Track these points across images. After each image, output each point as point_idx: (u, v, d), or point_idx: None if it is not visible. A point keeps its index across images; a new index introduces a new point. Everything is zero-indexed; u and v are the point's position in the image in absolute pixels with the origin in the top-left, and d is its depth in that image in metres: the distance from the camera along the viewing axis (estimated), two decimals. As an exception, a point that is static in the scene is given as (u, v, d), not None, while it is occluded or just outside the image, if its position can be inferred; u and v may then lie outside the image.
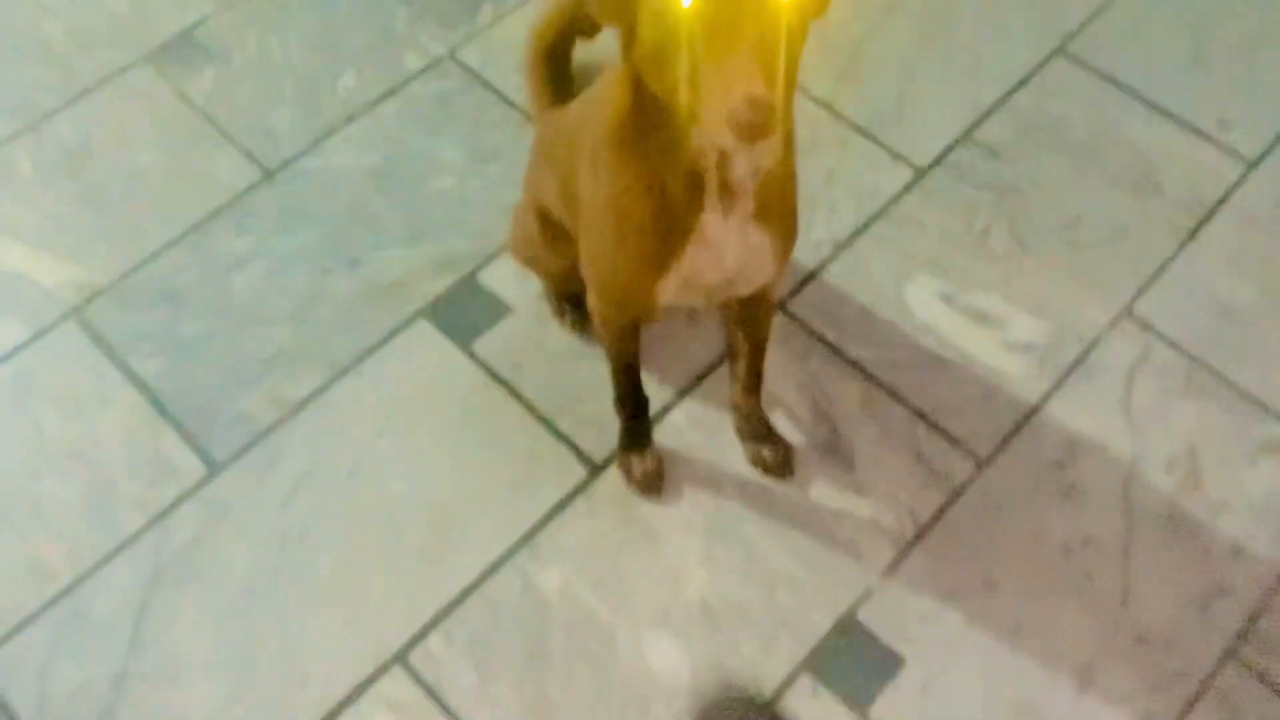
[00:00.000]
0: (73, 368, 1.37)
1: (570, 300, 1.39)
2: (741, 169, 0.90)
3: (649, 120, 0.87)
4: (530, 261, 1.35)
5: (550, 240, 1.26)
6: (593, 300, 1.12)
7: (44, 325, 1.40)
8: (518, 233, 1.34)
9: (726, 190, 0.91)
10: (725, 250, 0.95)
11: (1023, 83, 1.61)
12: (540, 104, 1.33)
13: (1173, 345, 1.39)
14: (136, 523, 1.27)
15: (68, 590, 1.23)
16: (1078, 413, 1.34)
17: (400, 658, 1.19)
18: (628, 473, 1.29)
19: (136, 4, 1.68)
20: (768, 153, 0.89)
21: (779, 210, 0.97)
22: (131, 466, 1.31)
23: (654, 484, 1.29)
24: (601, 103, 0.95)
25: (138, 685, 1.18)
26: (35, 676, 1.19)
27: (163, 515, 1.27)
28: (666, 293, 1.00)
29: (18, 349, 1.39)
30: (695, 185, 0.90)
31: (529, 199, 1.28)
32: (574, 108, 1.12)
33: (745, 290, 1.05)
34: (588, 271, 1.08)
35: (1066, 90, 1.60)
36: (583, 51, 1.30)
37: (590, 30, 1.36)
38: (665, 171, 0.90)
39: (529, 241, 1.31)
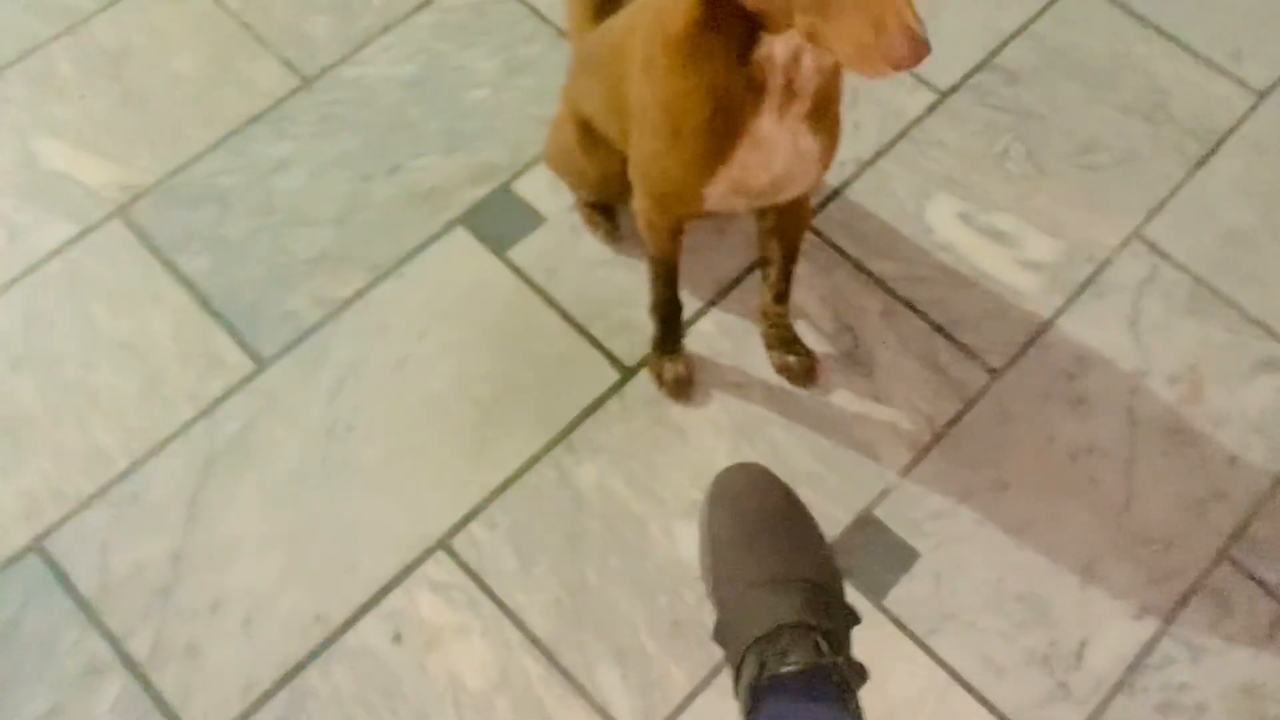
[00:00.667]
0: (121, 265, 1.42)
1: (602, 211, 1.44)
2: (808, 71, 0.94)
3: (719, 26, 0.91)
4: (566, 171, 1.40)
5: (588, 148, 1.30)
6: (640, 202, 1.16)
7: (90, 223, 1.44)
8: (555, 143, 1.38)
9: (788, 92, 0.95)
10: (776, 152, 1.00)
11: (1043, 10, 1.65)
12: (583, 23, 1.37)
13: (1179, 267, 1.45)
14: (188, 412, 1.32)
15: (125, 474, 1.29)
16: (1087, 328, 1.41)
17: (444, 543, 1.26)
18: (659, 377, 1.35)
19: (169, -91, 1.69)
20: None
21: (828, 113, 1.02)
22: (181, 360, 1.36)
23: (684, 388, 1.35)
24: (659, 10, 0.99)
25: (194, 564, 1.25)
26: (96, 554, 1.25)
27: (213, 406, 1.33)
28: (715, 194, 1.05)
29: (66, 245, 1.43)
30: (756, 89, 0.95)
31: (568, 110, 1.32)
32: (622, 17, 1.15)
33: (789, 194, 1.10)
34: (637, 173, 1.12)
35: (1085, 19, 1.64)
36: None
37: None
38: (729, 75, 0.94)
39: (566, 151, 1.35)
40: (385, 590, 1.23)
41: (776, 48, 0.91)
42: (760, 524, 1.09)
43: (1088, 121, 1.55)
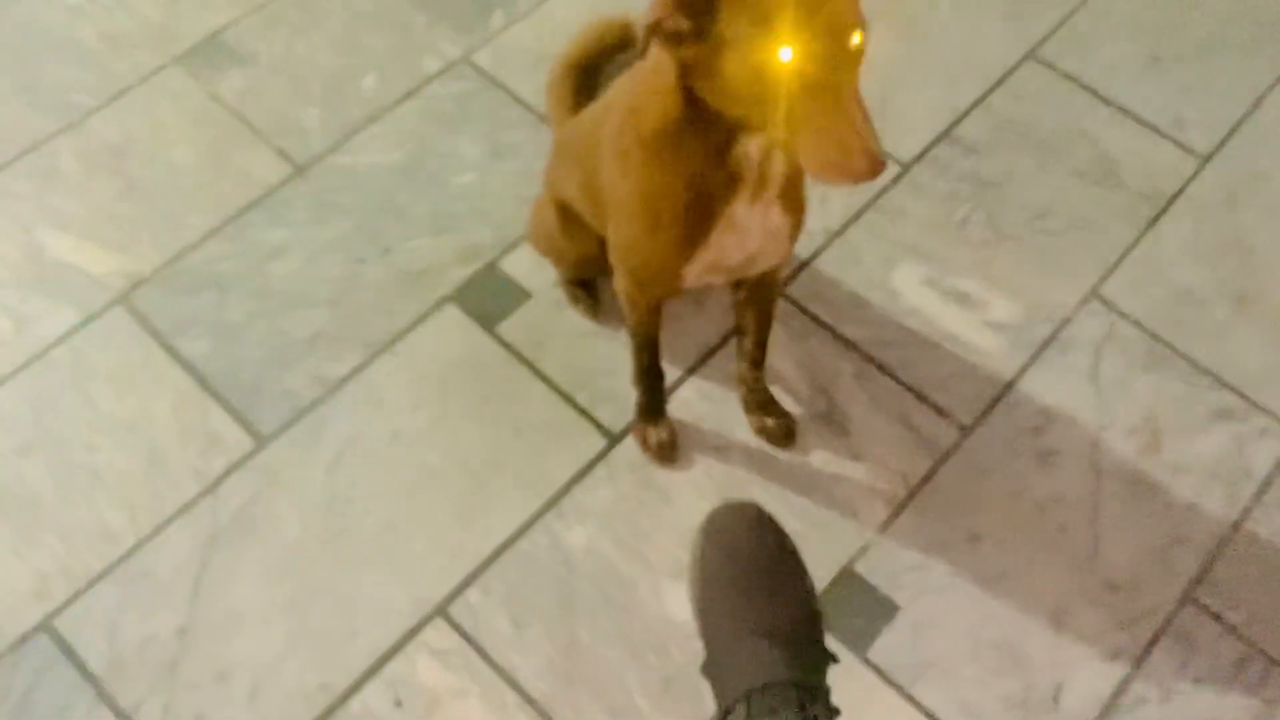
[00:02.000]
0: (123, 350, 1.47)
1: (583, 286, 1.51)
2: (780, 163, 1.02)
3: (695, 125, 0.99)
4: (548, 251, 1.47)
5: (568, 232, 1.38)
6: (620, 283, 1.23)
7: (94, 311, 1.50)
8: (537, 225, 1.46)
9: (760, 180, 1.03)
10: (750, 233, 1.08)
11: (997, 84, 1.75)
12: (563, 113, 1.46)
13: (1135, 323, 1.53)
14: (192, 490, 1.37)
15: (131, 552, 1.34)
16: (1051, 385, 1.48)
17: (441, 610, 1.31)
18: (644, 441, 1.41)
19: (165, 8, 1.78)
20: None
21: (795, 193, 1.10)
22: (183, 439, 1.41)
23: (669, 452, 1.41)
24: (634, 109, 1.07)
25: (200, 637, 1.29)
26: (105, 631, 1.29)
27: (216, 483, 1.38)
28: (693, 274, 1.13)
29: (70, 332, 1.49)
30: (732, 178, 1.03)
31: (548, 193, 1.40)
32: (594, 110, 1.23)
33: (761, 268, 1.17)
34: (616, 256, 1.19)
35: (1036, 92, 1.74)
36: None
37: (630, 49, 1.50)
38: (706, 167, 1.02)
39: (547, 233, 1.43)
40: (386, 657, 1.28)
41: (752, 146, 0.99)
42: (753, 568, 1.13)
43: (1043, 189, 1.64)
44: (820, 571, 1.34)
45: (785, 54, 0.88)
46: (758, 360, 1.39)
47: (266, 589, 1.32)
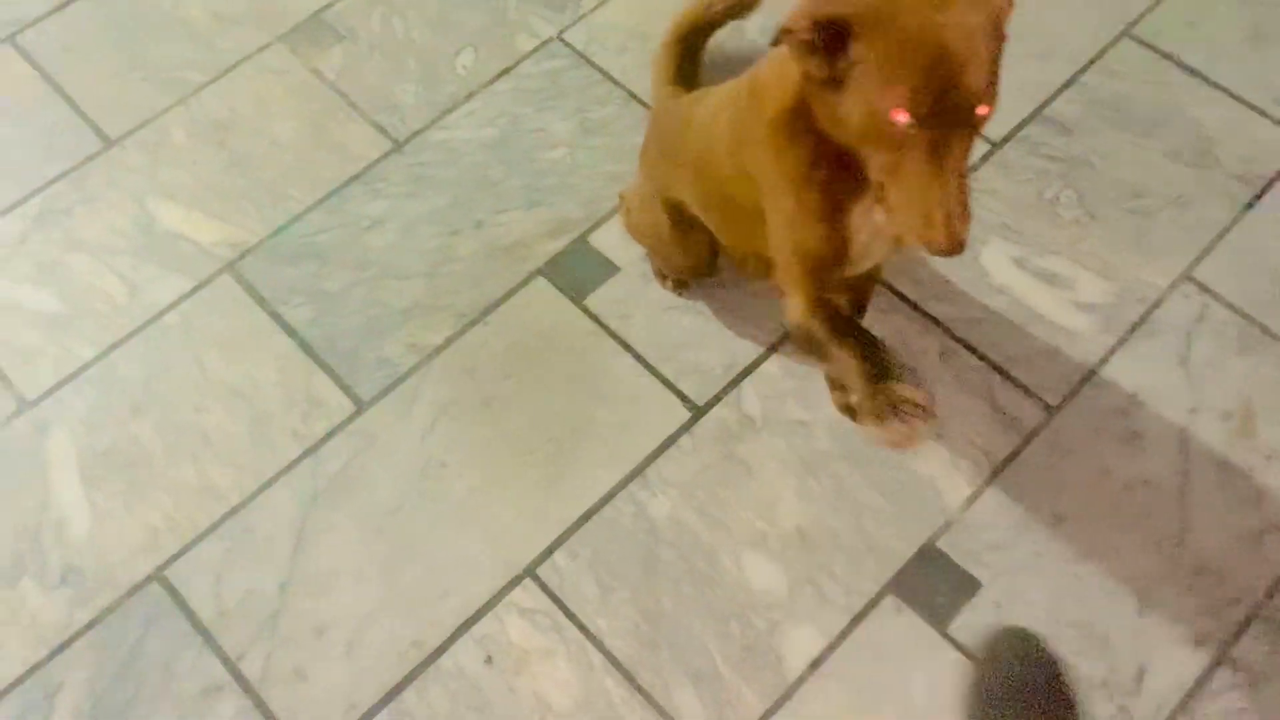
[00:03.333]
0: (230, 316, 1.54)
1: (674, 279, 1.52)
2: None
3: (809, 123, 1.01)
4: (655, 249, 1.47)
5: (683, 236, 1.38)
6: (790, 289, 1.15)
7: (203, 278, 1.57)
8: (642, 220, 1.45)
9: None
10: (861, 232, 1.10)
11: (1091, 62, 1.72)
12: (664, 82, 1.48)
13: (1229, 306, 1.50)
14: (294, 451, 1.43)
15: (236, 509, 1.40)
16: (1140, 367, 1.47)
17: (530, 571, 1.35)
18: (877, 415, 1.12)
19: (270, -12, 1.84)
20: None
21: None
22: (286, 403, 1.47)
23: (929, 411, 1.12)
24: (757, 86, 1.07)
25: (299, 592, 1.35)
26: (212, 583, 1.36)
27: (317, 445, 1.44)
28: (857, 240, 1.10)
29: (181, 299, 1.55)
30: (853, 189, 1.04)
31: (652, 190, 1.39)
32: (714, 106, 1.22)
33: (868, 266, 1.18)
34: (779, 240, 1.14)
35: (1132, 70, 1.71)
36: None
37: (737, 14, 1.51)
38: (821, 158, 1.04)
39: (656, 233, 1.42)
40: (476, 616, 1.32)
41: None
42: (1032, 694, 1.19)
43: (1136, 168, 1.62)
44: (901, 547, 1.35)
45: (902, 118, 0.89)
46: (844, 338, 1.40)
47: (363, 548, 1.37)
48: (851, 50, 0.91)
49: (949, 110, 0.89)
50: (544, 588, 1.34)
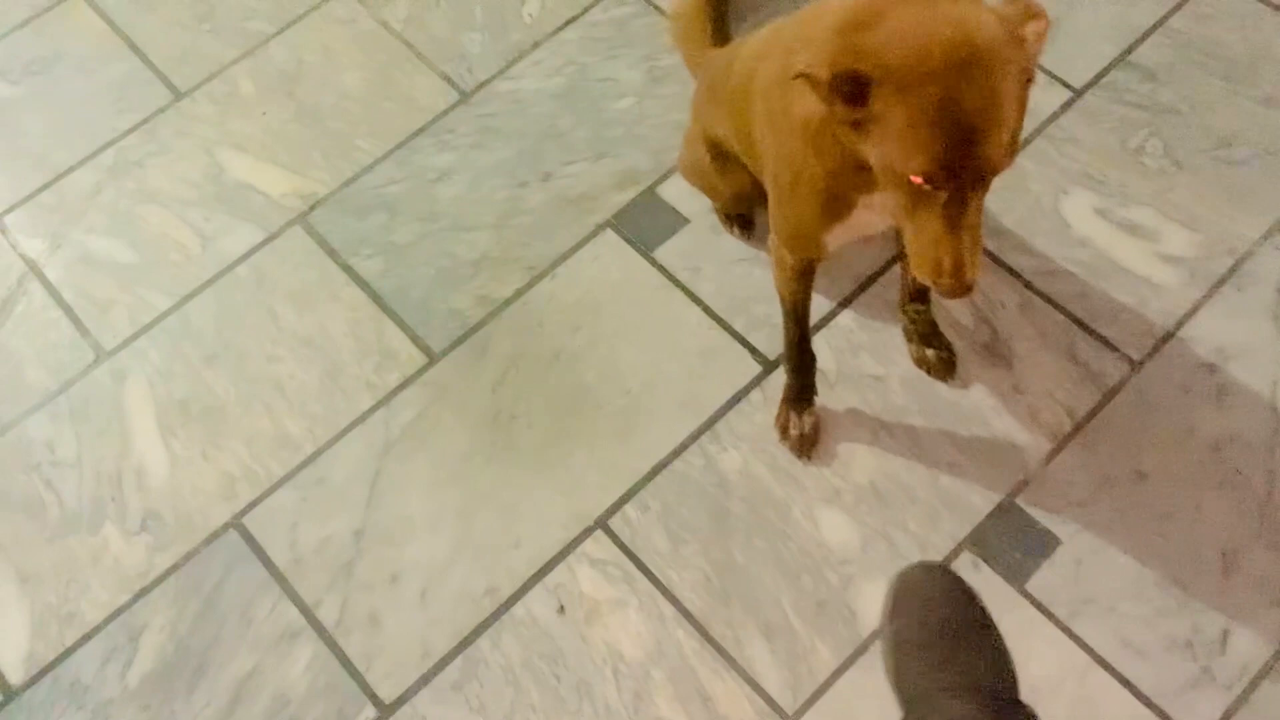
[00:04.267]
0: (301, 267, 1.54)
1: (737, 217, 1.51)
2: None
3: (840, 144, 0.99)
4: (701, 185, 1.47)
5: (721, 168, 1.38)
6: (772, 239, 1.23)
7: (274, 230, 1.58)
8: (688, 157, 1.46)
9: None
10: (855, 228, 1.09)
11: (1179, 6, 1.65)
12: (702, 44, 1.47)
13: (1324, 259, 1.45)
14: (366, 402, 1.44)
15: (311, 459, 1.41)
16: (1227, 321, 1.42)
17: (601, 523, 1.35)
18: (783, 430, 1.37)
19: (335, -62, 1.83)
20: None
21: None
22: (358, 354, 1.47)
23: (807, 447, 1.36)
24: (785, 85, 1.03)
25: (374, 540, 1.36)
26: (288, 531, 1.37)
27: (389, 396, 1.44)
28: (835, 242, 1.14)
29: (252, 250, 1.56)
30: (860, 187, 1.03)
31: (698, 129, 1.39)
32: (746, 54, 1.19)
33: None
34: (771, 213, 1.19)
35: (1221, 13, 1.64)
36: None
37: None
38: (843, 165, 1.01)
39: (700, 168, 1.43)
40: (548, 566, 1.33)
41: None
42: (947, 629, 1.16)
43: (1227, 116, 1.56)
44: (979, 503, 1.33)
45: (919, 179, 0.89)
46: (922, 291, 1.37)
47: (436, 497, 1.38)
48: (872, 103, 0.89)
49: (966, 176, 0.89)
50: (615, 539, 1.34)
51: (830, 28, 0.91)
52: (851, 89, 0.89)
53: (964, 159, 0.88)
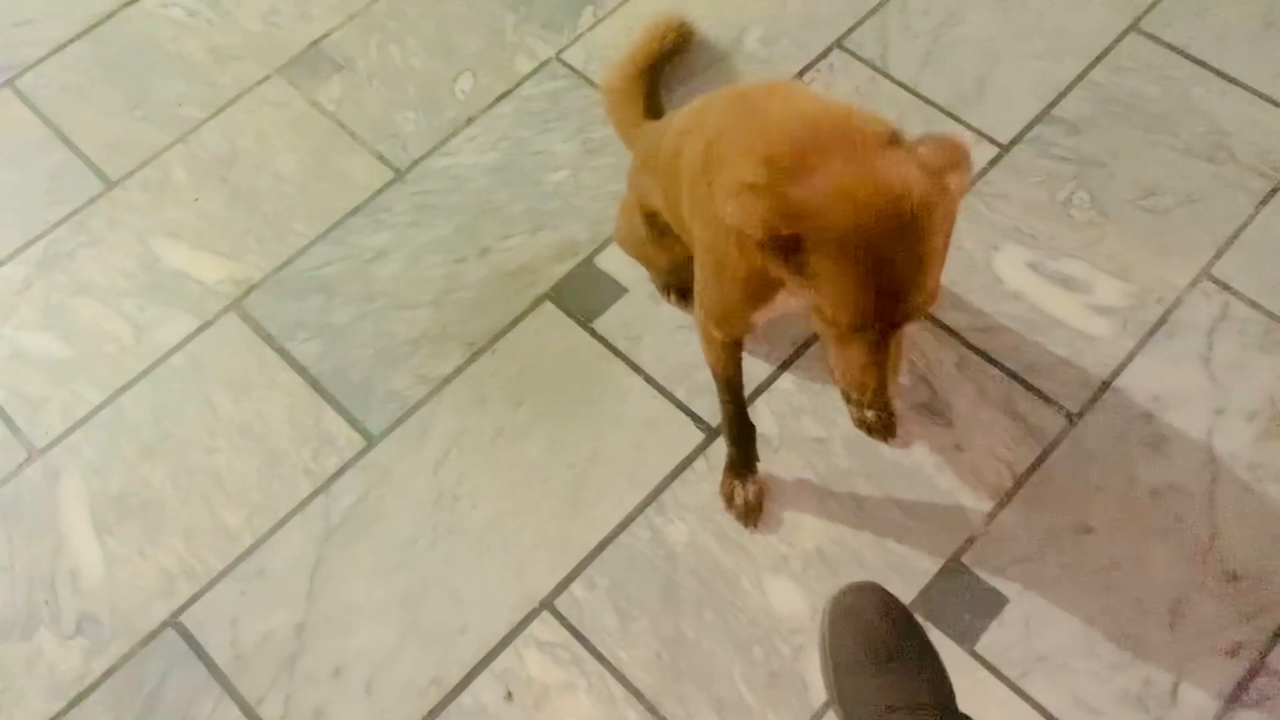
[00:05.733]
0: (238, 354, 1.53)
1: (674, 287, 1.51)
2: None
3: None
4: (639, 257, 1.48)
5: (657, 240, 1.38)
6: (698, 313, 1.23)
7: (208, 317, 1.56)
8: (624, 228, 1.47)
9: None
10: (774, 310, 1.11)
11: (1099, 59, 1.69)
12: (635, 118, 1.50)
13: (1251, 304, 1.47)
14: (305, 489, 1.42)
15: (250, 550, 1.39)
16: (1162, 369, 1.44)
17: (548, 604, 1.33)
18: (728, 499, 1.37)
19: (267, 21, 1.83)
20: None
21: None
22: (297, 440, 1.45)
23: (754, 515, 1.36)
24: (710, 180, 1.05)
25: (317, 632, 1.33)
26: (228, 627, 1.34)
27: (329, 482, 1.42)
28: (762, 318, 1.15)
29: (187, 339, 1.54)
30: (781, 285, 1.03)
31: (634, 199, 1.40)
32: (676, 130, 1.20)
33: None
34: (697, 291, 1.20)
35: (1141, 65, 1.68)
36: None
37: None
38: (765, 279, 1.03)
39: (636, 239, 1.43)
40: (495, 651, 1.31)
41: None
42: (885, 649, 1.16)
43: (1150, 165, 1.59)
44: (925, 564, 1.33)
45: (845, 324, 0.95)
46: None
47: (379, 584, 1.36)
48: (803, 256, 0.92)
49: (894, 318, 0.94)
50: (562, 620, 1.32)
51: (758, 162, 0.94)
52: (784, 246, 0.91)
53: (888, 311, 0.92)
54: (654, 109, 1.57)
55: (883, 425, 1.40)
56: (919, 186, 0.89)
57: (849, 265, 0.89)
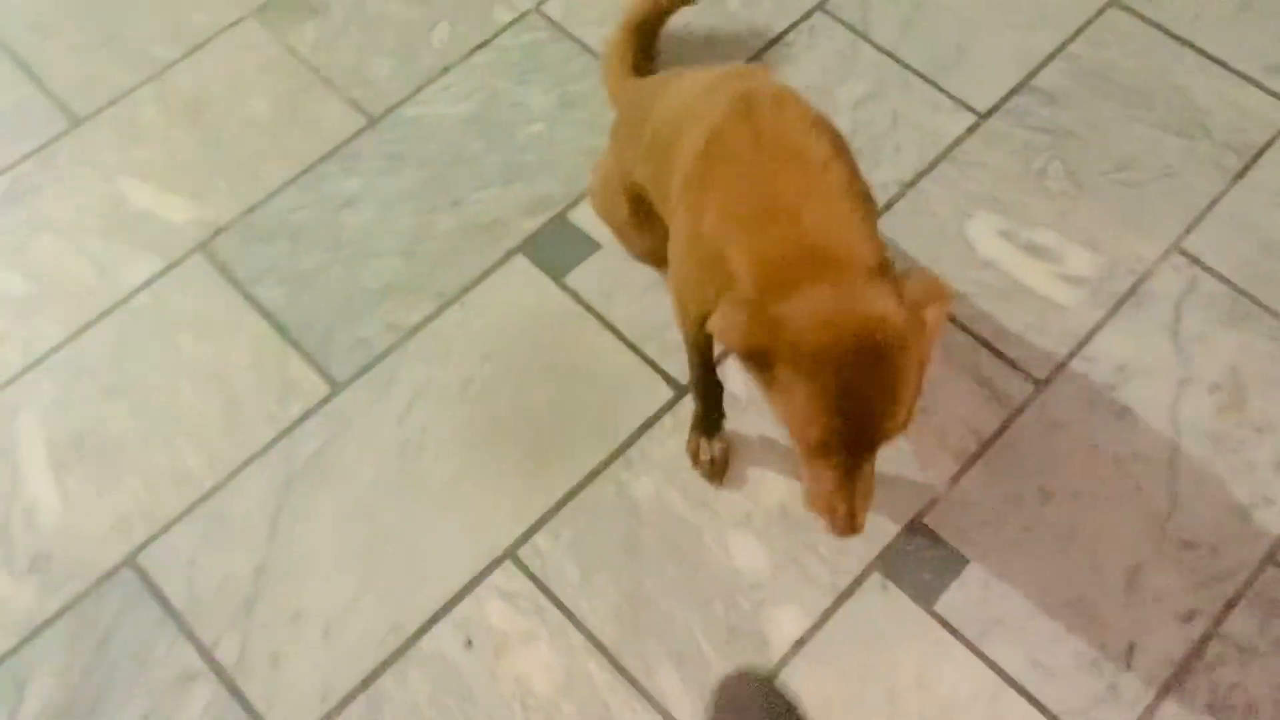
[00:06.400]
0: (203, 296, 1.51)
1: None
2: None
3: None
4: (614, 227, 1.45)
5: (638, 223, 1.37)
6: (672, 289, 1.22)
7: (174, 258, 1.54)
8: (602, 195, 1.44)
9: None
10: None
11: (1079, 32, 1.69)
12: (622, 73, 1.47)
13: (1219, 278, 1.48)
14: (268, 434, 1.40)
15: (210, 493, 1.37)
16: (1129, 340, 1.44)
17: (510, 553, 1.33)
18: (694, 456, 1.37)
19: (241, -38, 1.80)
20: None
21: None
22: (260, 385, 1.44)
23: (719, 472, 1.36)
24: (704, 204, 1.05)
25: (275, 577, 1.32)
26: (185, 569, 1.33)
27: (291, 427, 1.41)
28: None
29: (153, 279, 1.52)
30: None
31: (616, 167, 1.36)
32: (675, 105, 1.18)
33: None
34: (670, 268, 1.18)
35: (1120, 39, 1.69)
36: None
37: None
38: None
39: (615, 214, 1.41)
40: (456, 599, 1.30)
41: None
42: None
43: (1125, 139, 1.59)
44: (888, 525, 1.33)
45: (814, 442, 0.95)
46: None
47: (340, 532, 1.35)
48: (777, 370, 0.94)
49: (858, 448, 0.96)
50: (525, 570, 1.31)
51: (752, 264, 0.97)
52: (759, 356, 0.94)
53: (857, 437, 0.94)
54: (642, 68, 1.55)
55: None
56: (896, 319, 0.92)
57: (817, 386, 0.92)
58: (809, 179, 1.01)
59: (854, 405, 0.92)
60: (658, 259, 1.42)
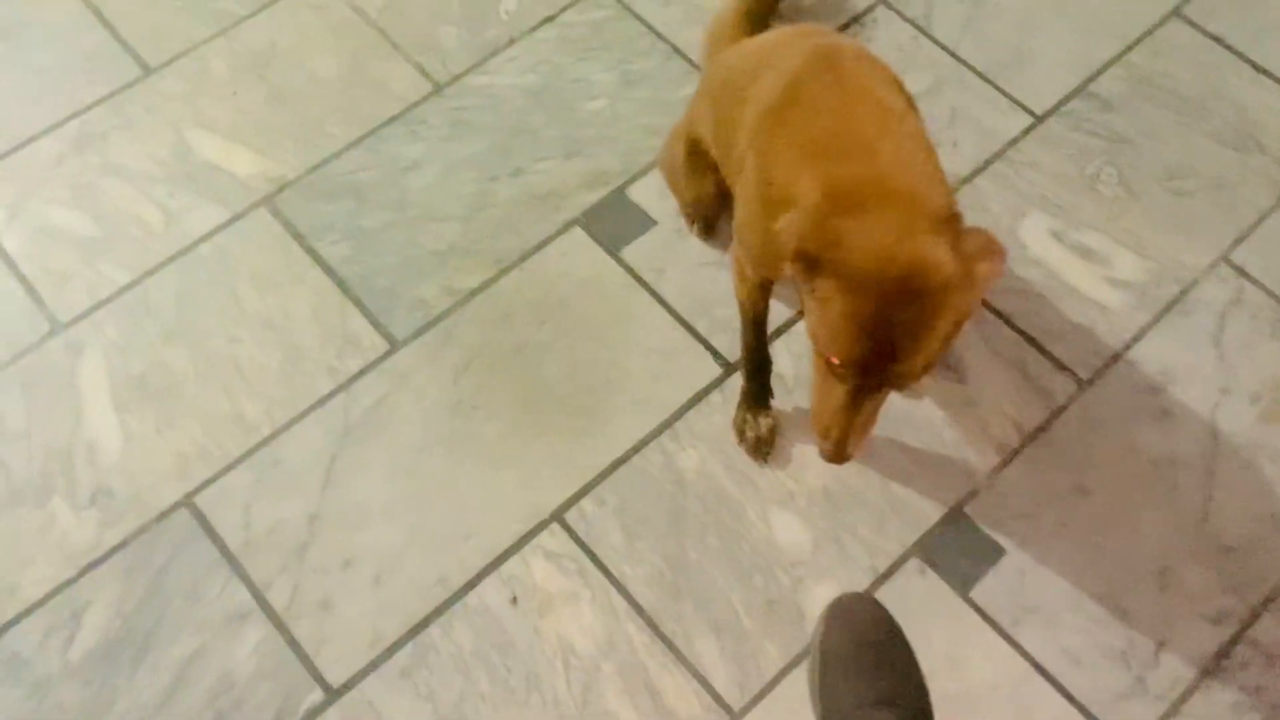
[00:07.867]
0: (266, 250, 1.54)
1: (699, 218, 1.52)
2: None
3: None
4: (667, 179, 1.49)
5: (690, 169, 1.40)
6: (735, 250, 1.25)
7: (239, 211, 1.57)
8: (666, 153, 1.48)
9: None
10: None
11: (1138, 41, 1.71)
12: (730, 38, 1.47)
13: (1266, 291, 1.50)
14: (326, 386, 1.44)
15: (267, 440, 1.40)
16: (1172, 346, 1.47)
17: (557, 516, 1.36)
18: (740, 433, 1.39)
19: (314, -77, 1.82)
20: None
21: None
22: (320, 338, 1.47)
23: (763, 449, 1.38)
24: (777, 154, 1.07)
25: (328, 525, 1.36)
26: (241, 512, 1.36)
27: (350, 381, 1.44)
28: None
29: (216, 229, 1.55)
30: None
31: (685, 125, 1.41)
32: (751, 57, 1.21)
33: None
34: (735, 228, 1.21)
35: (1178, 50, 1.70)
36: None
37: None
38: None
39: (672, 163, 1.45)
40: (503, 557, 1.33)
41: None
42: (873, 651, 1.20)
43: (1178, 149, 1.61)
44: (928, 510, 1.36)
45: (835, 361, 0.98)
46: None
47: (392, 484, 1.38)
48: (821, 279, 0.96)
49: (874, 379, 0.99)
50: (570, 533, 1.35)
51: (822, 182, 0.98)
52: (808, 261, 0.95)
53: (877, 366, 0.97)
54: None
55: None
56: (947, 268, 0.94)
57: (853, 307, 0.94)
58: (888, 124, 1.03)
59: (880, 332, 0.94)
60: (705, 209, 1.46)
